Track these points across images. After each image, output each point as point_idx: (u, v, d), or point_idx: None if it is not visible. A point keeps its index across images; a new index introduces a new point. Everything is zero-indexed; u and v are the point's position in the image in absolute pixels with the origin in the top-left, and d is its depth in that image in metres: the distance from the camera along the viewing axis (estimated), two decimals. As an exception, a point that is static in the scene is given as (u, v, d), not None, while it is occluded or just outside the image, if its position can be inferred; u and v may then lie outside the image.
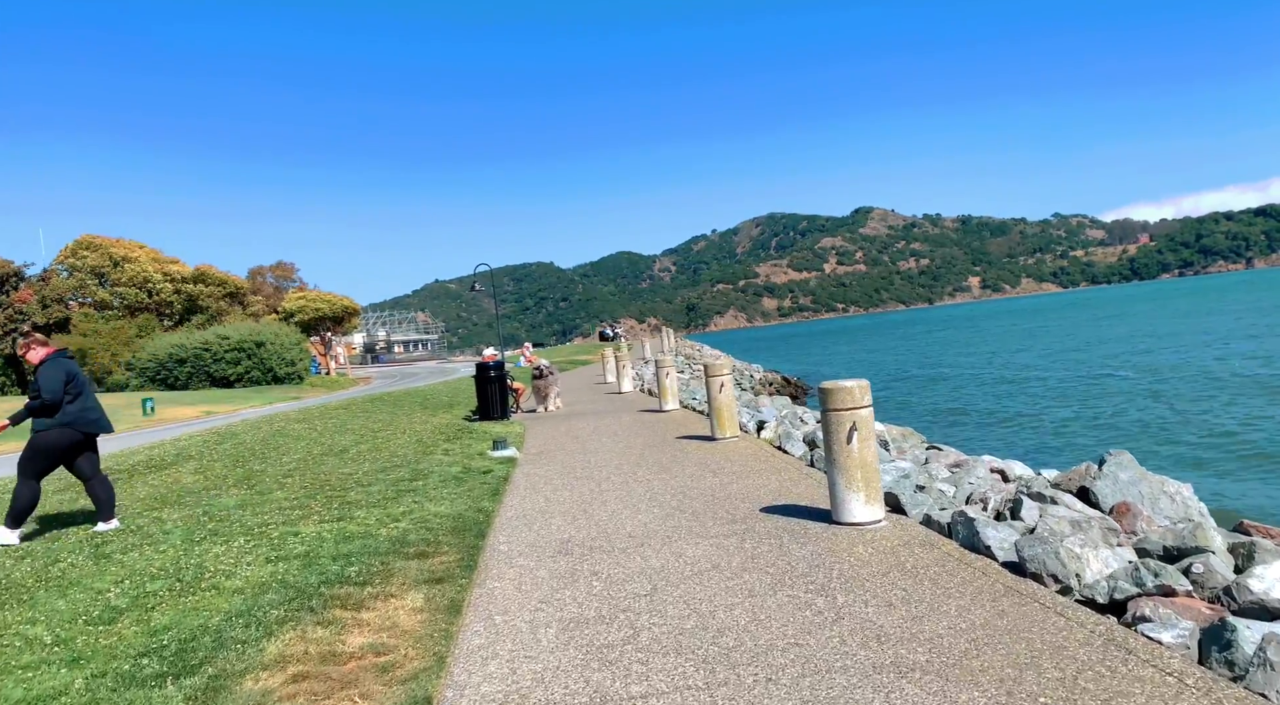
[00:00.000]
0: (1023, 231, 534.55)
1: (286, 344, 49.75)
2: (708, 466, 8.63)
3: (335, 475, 9.48)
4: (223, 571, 5.59)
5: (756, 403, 14.37)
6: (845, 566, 4.84)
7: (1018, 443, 17.98)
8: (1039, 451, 16.65)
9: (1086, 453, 15.90)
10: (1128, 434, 17.68)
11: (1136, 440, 16.65)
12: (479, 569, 5.48)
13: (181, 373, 46.59)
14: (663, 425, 12.73)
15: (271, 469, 10.16)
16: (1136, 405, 21.65)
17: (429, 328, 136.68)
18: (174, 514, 7.79)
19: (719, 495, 7.15)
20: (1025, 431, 19.60)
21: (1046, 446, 17.34)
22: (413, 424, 14.62)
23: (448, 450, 11.21)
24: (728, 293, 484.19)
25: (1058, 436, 18.40)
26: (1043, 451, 16.73)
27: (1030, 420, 20.93)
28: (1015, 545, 4.57)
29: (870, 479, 5.67)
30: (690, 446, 10.16)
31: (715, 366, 10.37)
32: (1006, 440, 18.52)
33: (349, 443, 12.26)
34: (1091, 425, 19.34)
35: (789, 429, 10.05)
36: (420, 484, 8.65)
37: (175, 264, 56.34)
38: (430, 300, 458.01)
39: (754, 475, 7.91)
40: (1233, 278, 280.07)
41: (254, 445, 12.34)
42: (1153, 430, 17.92)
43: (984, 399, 26.59)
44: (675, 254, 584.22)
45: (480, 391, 15.72)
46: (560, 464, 9.84)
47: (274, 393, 44.03)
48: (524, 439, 12.67)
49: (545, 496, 7.88)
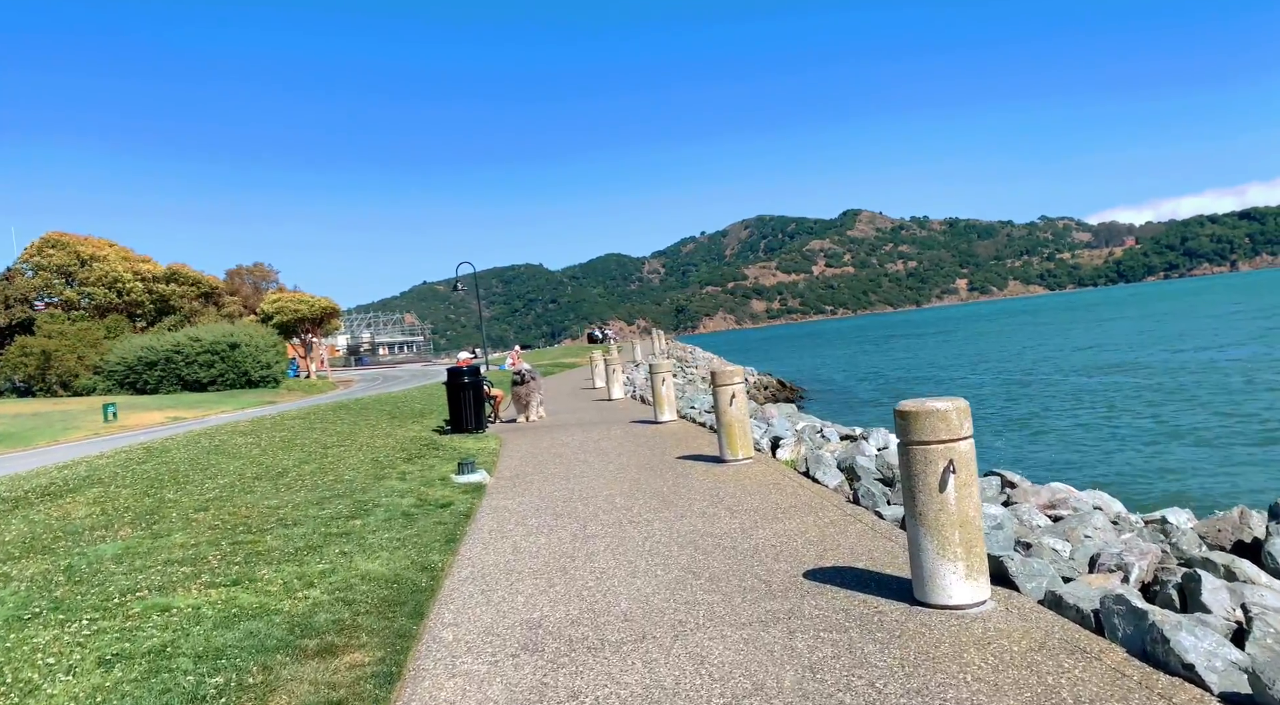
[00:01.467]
0: (1010, 234, 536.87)
1: (262, 346, 47.82)
2: (721, 501, 6.87)
3: (259, 509, 7.66)
4: (22, 686, 3.78)
5: (763, 413, 12.65)
6: (966, 696, 3.09)
7: (1036, 455, 16.33)
8: (1068, 468, 14.99)
9: (1120, 467, 14.27)
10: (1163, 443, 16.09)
11: (1164, 448, 15.06)
12: (402, 682, 3.70)
13: (151, 376, 44.60)
14: (660, 441, 10.97)
15: (187, 499, 8.33)
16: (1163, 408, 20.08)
17: (414, 329, 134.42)
18: (28, 568, 5.96)
19: (743, 548, 5.39)
20: (1045, 441, 17.95)
21: (1079, 462, 15.69)
22: (374, 438, 12.79)
23: (405, 474, 9.41)
24: (716, 295, 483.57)
25: (1075, 448, 16.77)
26: (1076, 468, 15.07)
27: (1040, 425, 19.32)
28: (1253, 669, 2.83)
29: (973, 542, 3.93)
30: (696, 471, 8.41)
31: (725, 374, 8.61)
32: (1030, 453, 16.87)
33: (292, 463, 10.43)
34: (1112, 434, 17.74)
35: (815, 450, 8.29)
36: (359, 524, 6.85)
37: (147, 263, 54.08)
38: (418, 302, 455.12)
39: (784, 516, 6.15)
40: (1217, 280, 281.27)
41: (181, 465, 10.49)
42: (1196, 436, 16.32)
43: (996, 402, 24.99)
44: (664, 256, 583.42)
45: (452, 401, 13.91)
46: (537, 494, 8.07)
47: (247, 397, 42.13)
48: (498, 457, 10.88)
49: (514, 544, 6.10)
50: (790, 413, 13.55)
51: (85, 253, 52.53)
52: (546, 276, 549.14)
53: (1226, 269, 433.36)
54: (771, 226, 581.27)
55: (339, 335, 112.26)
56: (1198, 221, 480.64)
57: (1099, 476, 13.52)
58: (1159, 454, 15.48)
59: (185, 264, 55.46)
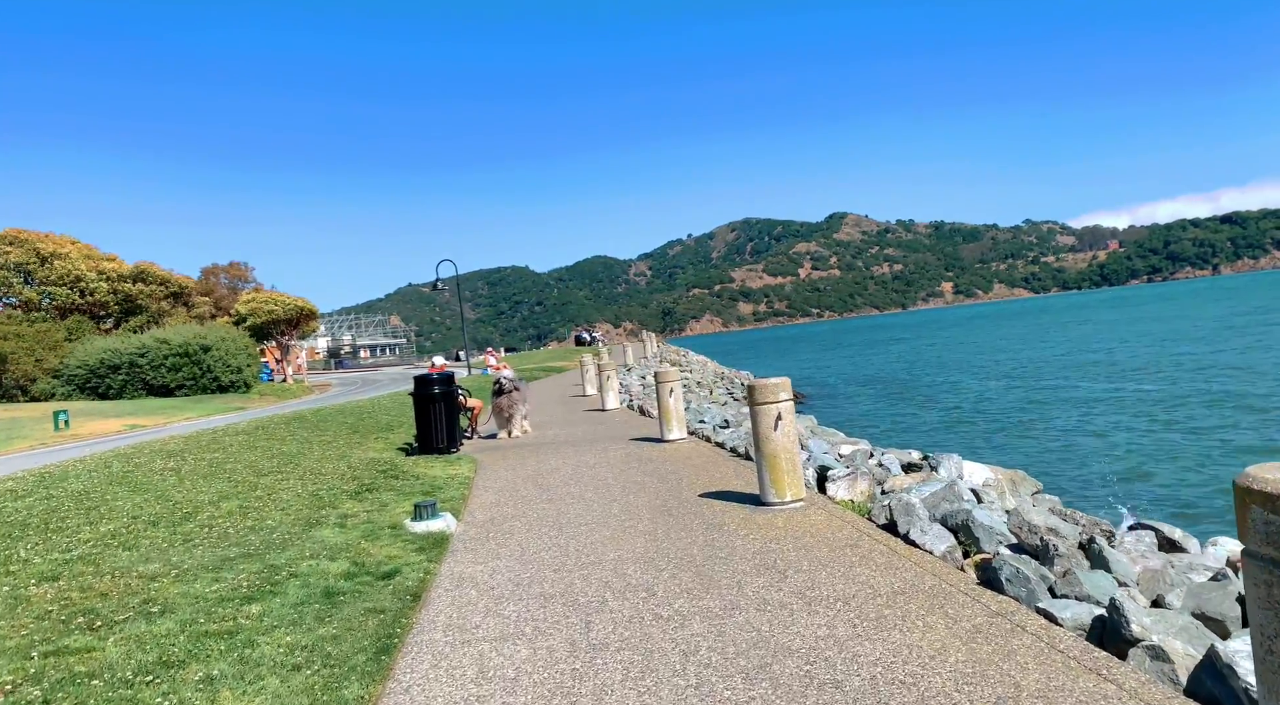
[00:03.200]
0: (995, 237, 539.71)
1: (233, 349, 45.47)
2: (784, 577, 4.75)
3: (129, 579, 5.47)
4: None
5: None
6: None
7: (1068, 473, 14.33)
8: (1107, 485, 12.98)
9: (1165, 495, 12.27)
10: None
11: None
12: None
13: (115, 381, 42.19)
14: (673, 468, 8.84)
15: (41, 558, 6.12)
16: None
17: (397, 332, 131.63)
18: None
19: (851, 686, 3.29)
20: (1061, 454, 15.95)
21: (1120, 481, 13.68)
22: (324, 461, 10.59)
23: (346, 518, 7.23)
24: (703, 297, 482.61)
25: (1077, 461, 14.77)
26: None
27: (1036, 431, 17.34)
28: None
29: None
30: (732, 518, 6.29)
31: (767, 388, 6.49)
32: (1061, 469, 14.86)
33: (209, 498, 8.22)
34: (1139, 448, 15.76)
35: (891, 491, 6.17)
36: (256, 612, 4.68)
37: (112, 261, 51.35)
38: (403, 304, 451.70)
39: (893, 613, 4.02)
40: (1200, 284, 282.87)
41: (64, 501, 8.25)
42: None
43: (1005, 407, 23.03)
44: (651, 258, 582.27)
45: (420, 415, 11.70)
46: (518, 554, 5.92)
47: (216, 403, 39.84)
48: (470, 490, 8.70)
49: (480, 662, 3.94)
50: (819, 429, 11.43)
51: (46, 250, 49.81)
52: (532, 278, 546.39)
53: (1209, 273, 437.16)
54: (758, 229, 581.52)
55: (319, 337, 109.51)
56: (1180, 225, 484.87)
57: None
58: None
59: (153, 262, 52.74)
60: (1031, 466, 13.73)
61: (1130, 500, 11.47)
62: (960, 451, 17.04)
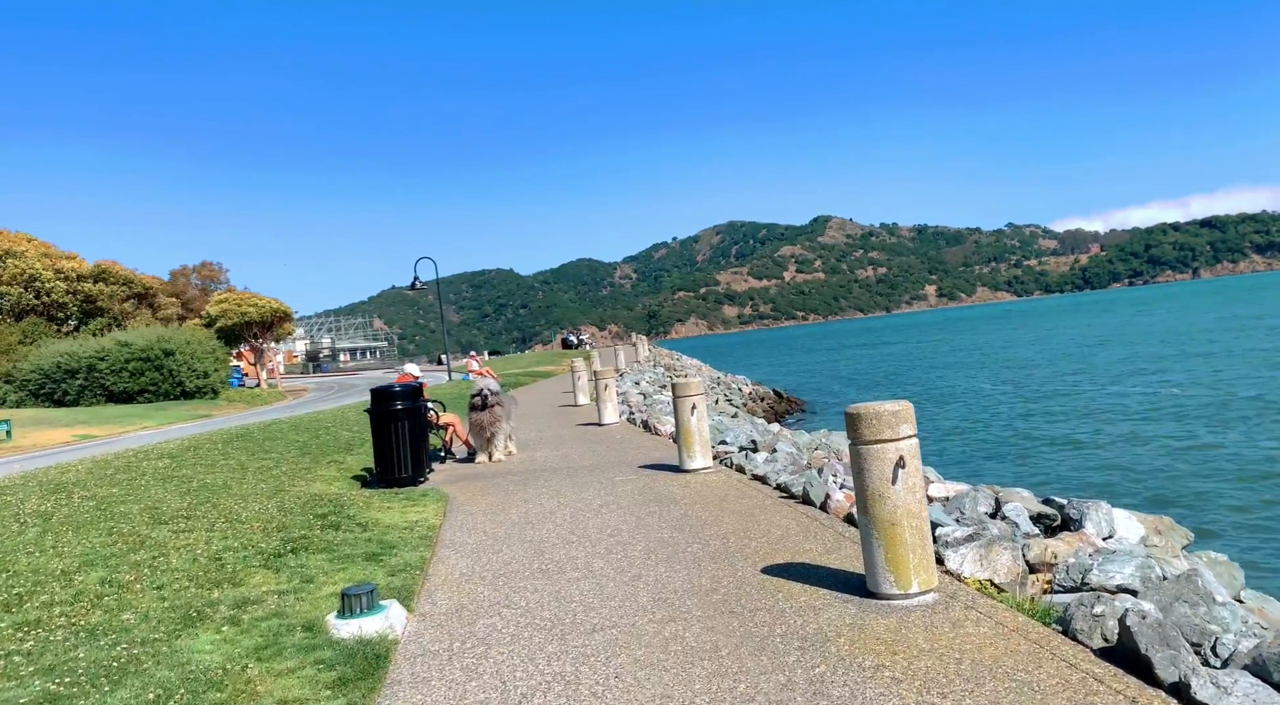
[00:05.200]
0: (977, 241, 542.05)
1: (200, 353, 42.84)
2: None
3: None
4: None
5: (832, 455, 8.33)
6: None
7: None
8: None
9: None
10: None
11: None
12: None
13: (71, 386, 39.53)
14: (709, 516, 6.56)
15: None
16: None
17: (378, 335, 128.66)
18: None
19: None
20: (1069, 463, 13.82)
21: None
22: (251, 499, 8.22)
23: (245, 605, 4.90)
24: (689, 300, 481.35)
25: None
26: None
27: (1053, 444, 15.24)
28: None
29: None
30: (834, 625, 4.01)
31: (880, 420, 4.22)
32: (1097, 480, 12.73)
33: (66, 564, 5.87)
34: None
35: (1105, 602, 3.86)
36: None
37: (71, 260, 48.42)
38: (386, 307, 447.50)
39: None
40: (1183, 287, 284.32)
41: None
42: None
43: (1016, 422, 20.95)
44: (636, 261, 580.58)
45: (379, 438, 9.33)
46: (497, 697, 3.62)
47: (180, 410, 37.30)
48: (433, 551, 6.37)
49: None
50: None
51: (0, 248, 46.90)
52: (517, 281, 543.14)
53: (1189, 276, 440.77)
54: (743, 232, 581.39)
55: (297, 341, 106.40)
56: (1160, 229, 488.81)
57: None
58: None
59: (116, 261, 49.83)
60: (1124, 492, 11.58)
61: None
62: (1003, 474, 14.93)
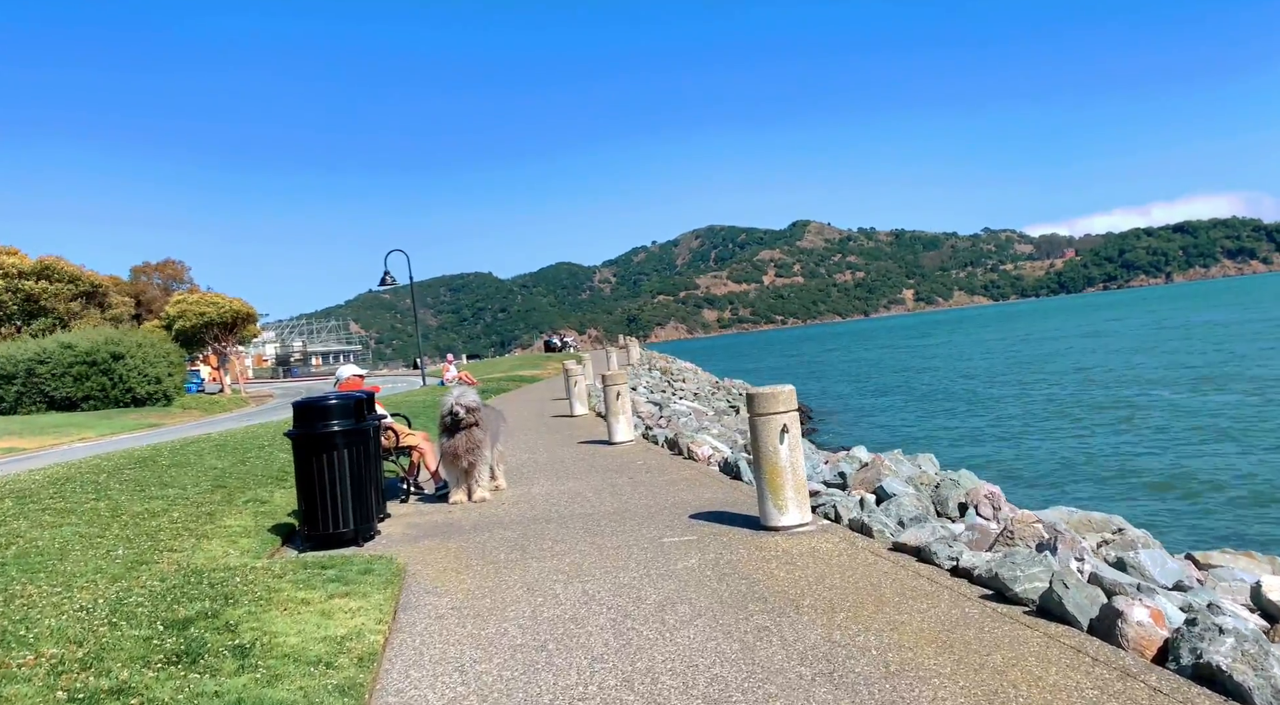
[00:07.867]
0: (954, 245, 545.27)
1: (152, 357, 39.41)
2: None
3: None
4: None
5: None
6: None
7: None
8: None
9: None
10: None
11: None
12: None
13: (8, 392, 36.09)
14: (859, 636, 3.89)
15: None
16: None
17: (352, 338, 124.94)
18: None
19: None
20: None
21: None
22: (99, 576, 5.36)
23: None
24: (668, 304, 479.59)
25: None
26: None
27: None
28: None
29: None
30: None
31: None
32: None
33: None
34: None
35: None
36: None
37: (12, 255, 44.85)
38: (363, 311, 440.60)
39: None
40: (1156, 291, 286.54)
41: None
42: None
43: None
44: (615, 265, 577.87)
45: (304, 476, 6.26)
46: None
47: (127, 418, 33.97)
48: None
49: None
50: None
51: (-65, 244, 43.36)
52: (496, 285, 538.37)
53: (1161, 280, 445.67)
54: (722, 236, 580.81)
55: (267, 344, 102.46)
56: (1134, 234, 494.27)
57: None
58: None
59: (61, 257, 46.26)
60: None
61: None
62: (1053, 496, 12.37)
